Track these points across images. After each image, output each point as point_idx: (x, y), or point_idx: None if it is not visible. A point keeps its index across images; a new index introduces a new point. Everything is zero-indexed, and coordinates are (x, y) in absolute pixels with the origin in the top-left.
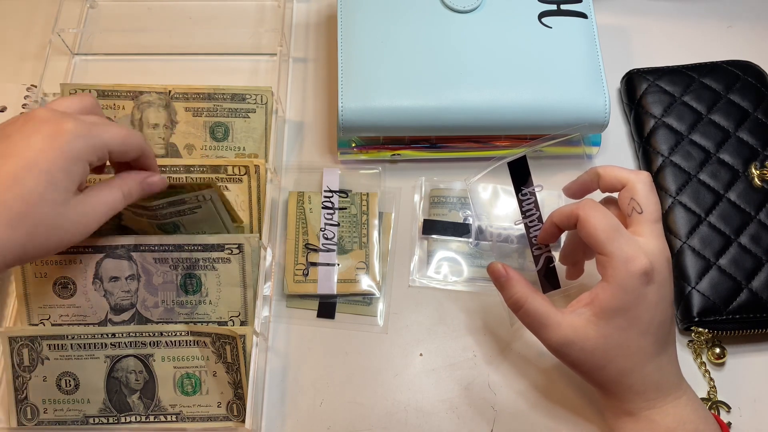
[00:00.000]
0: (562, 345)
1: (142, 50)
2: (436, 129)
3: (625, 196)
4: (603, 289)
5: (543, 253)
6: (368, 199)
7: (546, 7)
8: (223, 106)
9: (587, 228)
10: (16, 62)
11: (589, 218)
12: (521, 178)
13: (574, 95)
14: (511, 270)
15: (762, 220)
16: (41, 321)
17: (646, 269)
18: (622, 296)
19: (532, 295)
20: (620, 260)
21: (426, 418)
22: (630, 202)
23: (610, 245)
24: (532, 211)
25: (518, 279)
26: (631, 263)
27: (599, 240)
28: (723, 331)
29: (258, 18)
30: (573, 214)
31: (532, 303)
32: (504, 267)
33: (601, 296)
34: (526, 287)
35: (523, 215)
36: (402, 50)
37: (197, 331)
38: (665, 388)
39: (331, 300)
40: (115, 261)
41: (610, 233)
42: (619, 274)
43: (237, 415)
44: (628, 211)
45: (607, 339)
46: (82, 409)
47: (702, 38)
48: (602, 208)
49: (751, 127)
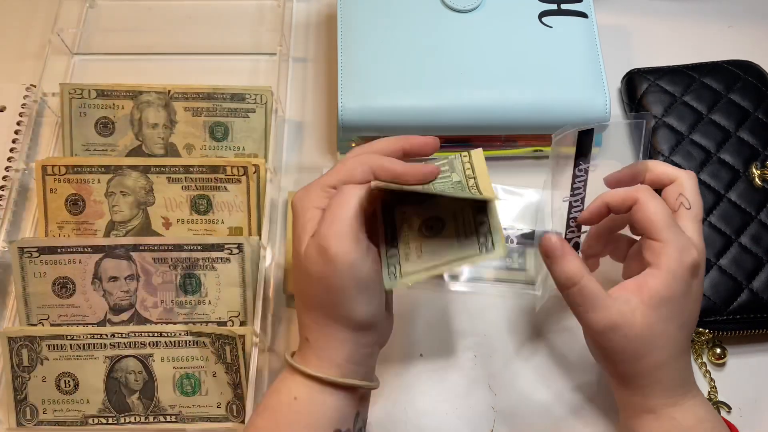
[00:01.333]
0: (608, 329)
1: (142, 50)
2: (436, 129)
3: (673, 191)
4: (653, 276)
5: (574, 238)
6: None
7: (546, 6)
8: (223, 106)
9: (646, 212)
10: (15, 62)
11: (649, 203)
12: (583, 151)
13: (575, 95)
14: (567, 244)
15: (762, 220)
16: (40, 321)
17: (696, 261)
18: (672, 285)
19: (587, 274)
20: (676, 248)
21: (426, 418)
22: (678, 197)
23: (668, 232)
24: (580, 190)
25: (575, 255)
26: (685, 253)
27: (658, 225)
28: (723, 331)
29: (258, 18)
30: (631, 196)
31: (588, 282)
32: (560, 239)
33: (651, 283)
34: (582, 265)
35: (571, 192)
36: (402, 50)
37: (197, 332)
38: (686, 386)
39: None
40: (114, 261)
41: (669, 220)
42: (672, 262)
43: (236, 415)
44: (676, 206)
45: (652, 328)
46: (82, 410)
47: (702, 38)
48: (659, 197)
49: (751, 127)
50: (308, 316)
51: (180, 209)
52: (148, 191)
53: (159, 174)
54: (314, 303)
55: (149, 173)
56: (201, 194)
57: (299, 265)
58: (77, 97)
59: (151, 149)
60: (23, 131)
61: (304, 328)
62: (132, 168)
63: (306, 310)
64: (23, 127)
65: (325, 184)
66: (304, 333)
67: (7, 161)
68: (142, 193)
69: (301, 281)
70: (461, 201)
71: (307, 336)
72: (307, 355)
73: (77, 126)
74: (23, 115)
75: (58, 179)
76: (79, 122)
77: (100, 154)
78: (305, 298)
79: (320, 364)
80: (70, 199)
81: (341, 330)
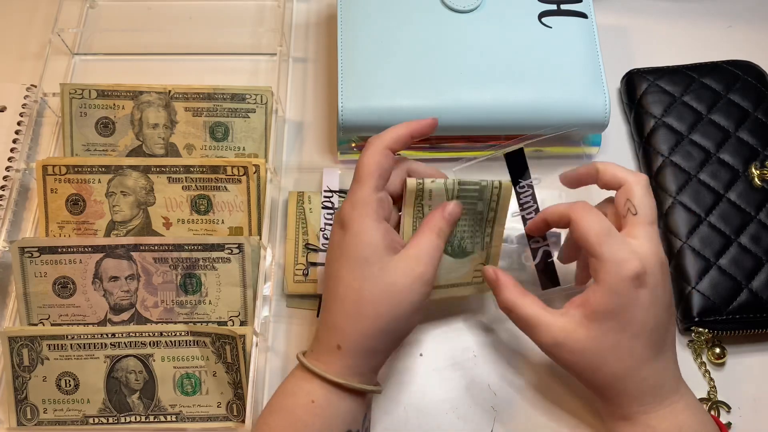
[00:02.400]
0: (552, 346)
1: (142, 50)
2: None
3: (621, 196)
4: (594, 291)
5: (540, 247)
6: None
7: (546, 6)
8: (223, 106)
9: (579, 230)
10: (16, 62)
11: (581, 220)
12: (518, 170)
13: (574, 95)
14: (502, 274)
15: (762, 220)
16: (41, 321)
17: (637, 272)
18: (613, 299)
19: (521, 299)
20: (611, 263)
21: (426, 418)
22: (626, 203)
23: (601, 248)
24: (530, 203)
25: (508, 283)
26: (623, 266)
27: (590, 242)
28: (723, 331)
29: (258, 18)
30: (565, 214)
31: (521, 308)
32: (495, 271)
33: (592, 299)
34: (516, 292)
35: (520, 207)
36: (402, 50)
37: (197, 331)
38: (662, 393)
39: None
40: (114, 261)
41: (602, 236)
42: (610, 277)
43: (237, 415)
44: (624, 211)
45: (598, 341)
46: (82, 409)
47: (702, 38)
48: (595, 211)
49: (751, 127)
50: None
51: (180, 209)
52: (148, 191)
53: (159, 174)
54: (374, 313)
55: (150, 173)
56: (201, 194)
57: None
58: (78, 97)
59: (151, 149)
60: (24, 131)
61: (339, 335)
62: (132, 168)
63: (354, 320)
64: (24, 127)
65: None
66: (337, 340)
67: (8, 161)
68: (143, 193)
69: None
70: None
71: (339, 344)
72: (330, 360)
73: (78, 126)
74: (24, 115)
75: (59, 179)
76: (79, 122)
77: (101, 154)
78: (365, 307)
79: (343, 372)
80: (71, 199)
81: (385, 343)
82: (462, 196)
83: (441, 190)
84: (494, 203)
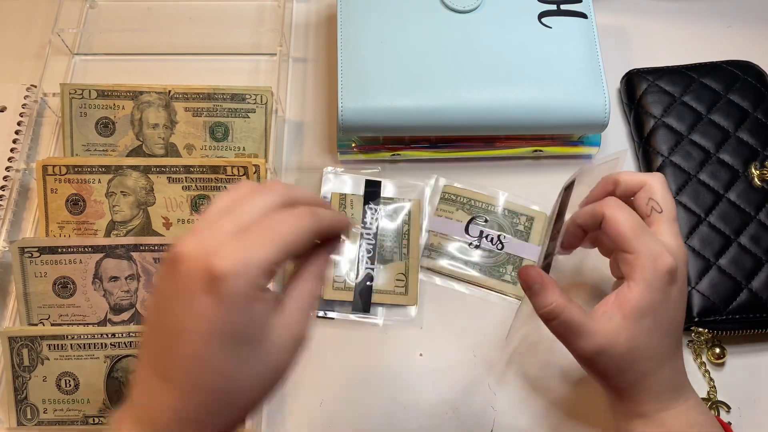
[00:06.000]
0: (595, 354)
1: (142, 50)
2: (436, 129)
3: (642, 196)
4: (630, 288)
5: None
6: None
7: (546, 7)
8: (223, 106)
9: (614, 225)
10: (15, 62)
11: (616, 216)
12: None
13: (574, 95)
14: (546, 276)
15: (762, 220)
16: (41, 321)
17: (671, 267)
18: (651, 295)
19: (568, 304)
20: (648, 258)
21: (426, 419)
22: (649, 202)
23: (638, 243)
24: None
25: (554, 287)
26: (658, 261)
27: (627, 237)
28: (723, 331)
29: (258, 18)
30: (597, 212)
31: (569, 313)
32: (539, 272)
33: (629, 296)
34: (562, 296)
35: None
36: (402, 50)
37: None
38: (678, 390)
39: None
40: (114, 261)
41: (637, 231)
42: (647, 272)
43: None
44: (647, 211)
45: (636, 342)
46: (82, 409)
47: (702, 38)
48: (626, 206)
49: (750, 127)
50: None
51: (180, 209)
52: (148, 191)
53: (159, 174)
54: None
55: (150, 173)
56: (201, 194)
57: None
58: (78, 98)
59: (151, 149)
60: (24, 131)
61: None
62: (132, 168)
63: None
64: (24, 127)
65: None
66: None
67: (8, 161)
68: (143, 193)
69: None
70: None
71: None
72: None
73: (78, 126)
74: (24, 115)
75: (59, 179)
76: (79, 122)
77: (101, 154)
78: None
79: None
80: (71, 199)
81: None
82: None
83: None
84: (407, 217)
